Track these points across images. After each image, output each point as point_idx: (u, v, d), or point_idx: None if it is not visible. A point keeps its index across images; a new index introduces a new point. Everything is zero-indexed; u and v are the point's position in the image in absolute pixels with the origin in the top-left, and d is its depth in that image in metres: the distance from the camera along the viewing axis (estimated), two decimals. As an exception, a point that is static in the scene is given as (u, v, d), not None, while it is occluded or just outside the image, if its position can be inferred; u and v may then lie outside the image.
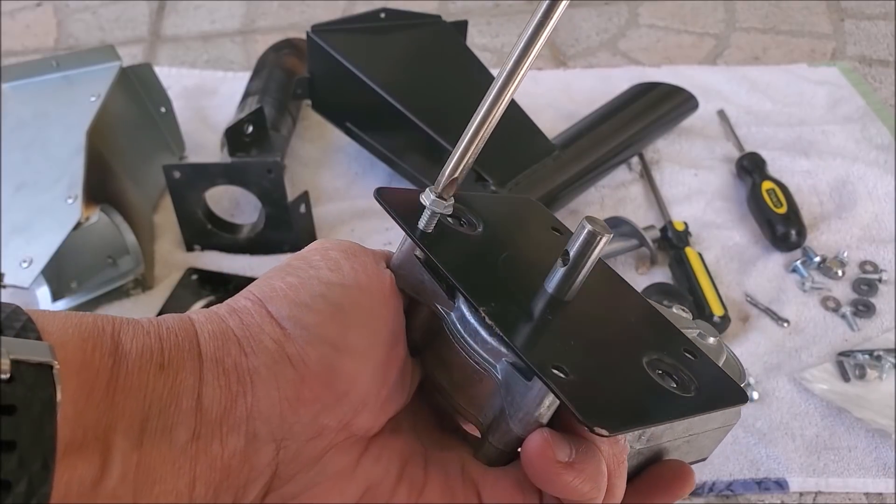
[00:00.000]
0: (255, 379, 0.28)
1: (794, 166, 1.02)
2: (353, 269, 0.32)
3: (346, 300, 0.31)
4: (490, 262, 0.34)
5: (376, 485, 0.32)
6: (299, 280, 0.31)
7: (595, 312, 0.34)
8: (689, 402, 0.31)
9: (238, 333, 0.29)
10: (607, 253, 0.88)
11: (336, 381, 0.29)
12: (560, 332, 0.31)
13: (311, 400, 0.29)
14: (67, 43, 1.33)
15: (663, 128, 1.05)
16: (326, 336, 0.30)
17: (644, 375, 0.31)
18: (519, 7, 1.40)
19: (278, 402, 0.28)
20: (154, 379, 0.26)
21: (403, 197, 0.34)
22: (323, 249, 0.33)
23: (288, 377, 0.28)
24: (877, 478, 0.70)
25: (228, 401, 0.27)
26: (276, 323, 0.29)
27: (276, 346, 0.29)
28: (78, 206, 0.78)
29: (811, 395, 0.76)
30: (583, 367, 0.29)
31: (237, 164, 0.86)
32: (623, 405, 0.29)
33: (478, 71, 0.98)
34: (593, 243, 0.31)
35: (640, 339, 0.34)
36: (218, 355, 0.28)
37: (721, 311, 0.80)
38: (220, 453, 0.27)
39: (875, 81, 1.21)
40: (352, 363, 0.30)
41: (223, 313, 0.30)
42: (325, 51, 0.93)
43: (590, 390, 0.28)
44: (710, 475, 0.70)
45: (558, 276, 0.32)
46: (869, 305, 0.84)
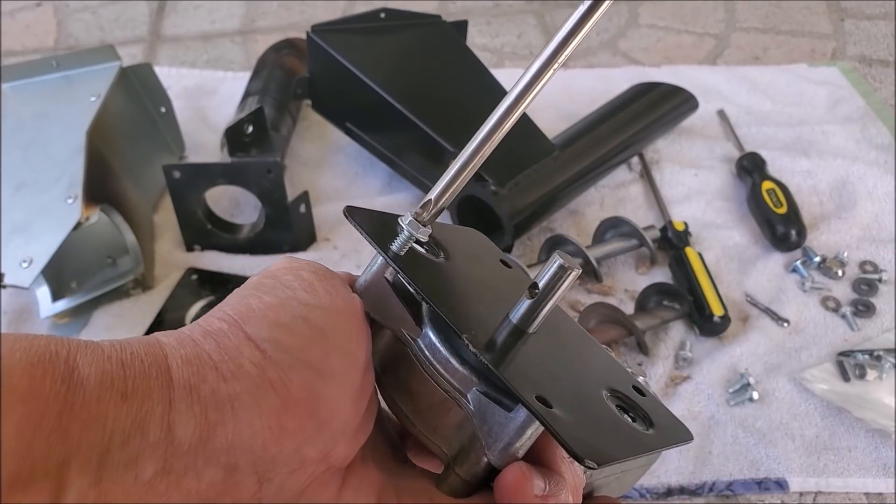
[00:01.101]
0: (236, 406, 0.26)
1: (794, 166, 1.02)
2: (328, 291, 0.31)
3: (326, 323, 0.30)
4: (457, 290, 0.33)
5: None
6: (277, 300, 0.29)
7: (554, 345, 0.34)
8: (650, 438, 0.31)
9: (215, 357, 0.27)
10: (607, 252, 0.88)
11: (319, 409, 0.28)
12: (530, 364, 0.31)
13: (294, 429, 0.27)
14: (67, 43, 1.33)
15: (663, 128, 1.05)
16: (309, 360, 0.28)
17: (608, 410, 0.31)
18: (519, 7, 1.40)
19: (261, 431, 0.26)
20: (116, 408, 0.24)
21: (373, 218, 0.34)
22: (294, 270, 0.32)
23: (271, 404, 0.27)
24: (877, 478, 0.70)
25: (205, 430, 0.25)
26: (254, 345, 0.28)
27: (256, 370, 0.27)
28: (78, 206, 0.78)
29: (811, 396, 0.76)
30: (559, 398, 0.29)
31: (237, 164, 0.86)
32: (599, 439, 0.29)
33: (478, 71, 0.98)
34: (563, 277, 0.31)
35: (596, 373, 0.34)
36: (192, 382, 0.26)
37: (721, 311, 0.80)
38: (196, 487, 0.25)
39: (875, 81, 1.21)
40: (333, 389, 0.29)
41: (197, 336, 0.28)
42: (325, 51, 0.93)
43: (572, 423, 0.28)
44: (710, 475, 0.70)
45: (524, 307, 0.32)
46: (869, 305, 0.84)
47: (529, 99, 0.30)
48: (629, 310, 0.83)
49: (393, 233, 0.32)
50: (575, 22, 0.28)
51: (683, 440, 0.33)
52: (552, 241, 0.88)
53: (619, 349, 0.80)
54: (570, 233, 0.92)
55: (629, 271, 0.90)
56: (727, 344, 0.81)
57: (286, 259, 0.33)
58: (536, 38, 1.33)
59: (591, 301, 0.83)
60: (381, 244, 0.32)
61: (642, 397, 0.34)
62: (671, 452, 0.71)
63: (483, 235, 0.40)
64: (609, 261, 0.90)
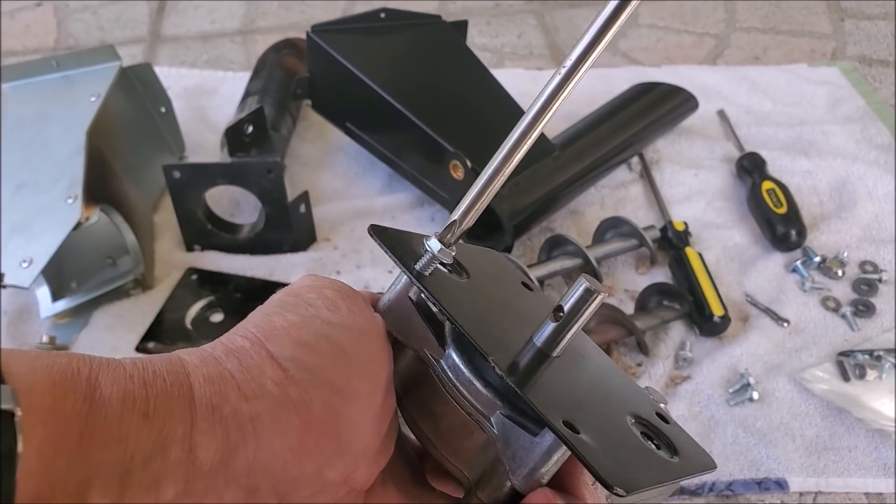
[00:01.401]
0: (257, 426, 0.26)
1: (794, 166, 1.02)
2: (351, 310, 0.31)
3: (349, 343, 0.29)
4: (481, 311, 0.33)
5: None
6: (300, 318, 0.29)
7: (578, 369, 0.33)
8: (675, 466, 0.31)
9: (237, 377, 0.27)
10: (607, 252, 0.88)
11: (340, 430, 0.28)
12: (555, 388, 0.31)
13: (315, 451, 0.27)
14: (67, 43, 1.33)
15: (663, 128, 1.05)
16: (331, 380, 0.28)
17: (634, 436, 0.31)
18: (519, 7, 1.40)
19: (282, 453, 0.26)
20: (137, 429, 0.24)
21: (397, 237, 0.33)
22: (318, 287, 0.31)
23: (292, 425, 0.27)
24: (877, 478, 0.70)
25: (227, 451, 0.25)
26: (277, 364, 0.27)
27: (278, 389, 0.27)
28: (78, 206, 0.78)
29: (811, 395, 0.76)
30: (585, 424, 0.29)
31: (237, 164, 0.86)
32: (626, 466, 0.29)
33: (478, 71, 0.98)
34: (588, 301, 0.30)
35: (620, 399, 0.34)
36: (214, 401, 0.26)
37: (721, 311, 0.80)
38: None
39: (875, 81, 1.21)
40: (355, 410, 0.28)
41: (219, 354, 0.28)
42: (325, 51, 0.93)
43: (600, 450, 0.28)
44: (710, 475, 0.70)
45: (548, 331, 0.31)
46: (869, 305, 0.84)
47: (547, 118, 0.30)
48: (629, 310, 0.83)
49: (416, 252, 0.32)
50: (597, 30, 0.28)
51: (708, 468, 0.33)
52: (552, 241, 0.88)
53: (620, 349, 0.80)
54: (570, 233, 0.92)
55: (629, 271, 0.90)
56: (727, 344, 0.81)
57: (309, 276, 0.32)
58: (536, 38, 1.33)
59: (591, 301, 0.83)
60: (406, 262, 0.32)
61: (666, 424, 0.34)
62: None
63: (503, 256, 0.40)
64: (609, 261, 0.90)
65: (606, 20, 0.27)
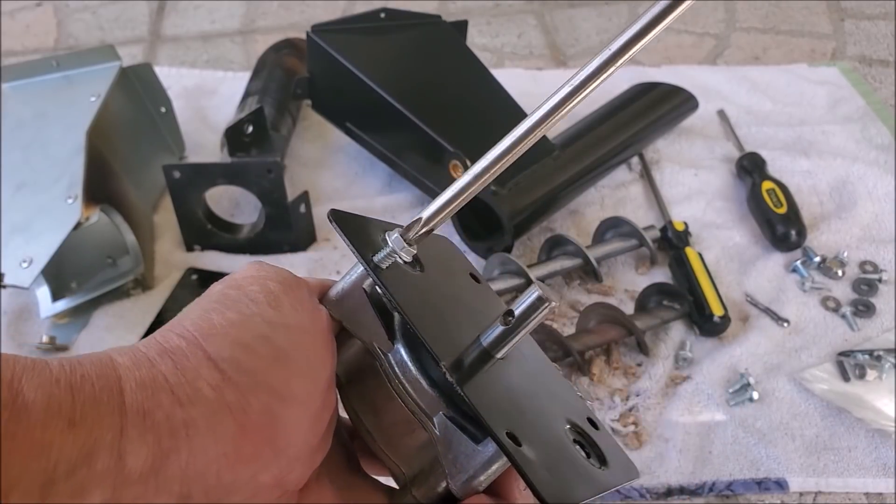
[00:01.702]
0: (190, 432, 0.25)
1: (794, 166, 1.02)
2: (293, 306, 0.30)
3: (290, 343, 0.28)
4: (433, 308, 0.32)
5: None
6: (240, 316, 0.28)
7: (520, 372, 0.33)
8: (604, 477, 0.31)
9: (171, 380, 0.26)
10: (607, 253, 0.88)
11: (277, 435, 0.27)
12: (497, 392, 0.31)
13: (250, 456, 0.26)
14: (67, 43, 1.33)
15: (663, 128, 1.05)
16: (269, 383, 0.27)
17: (569, 447, 0.31)
18: (519, 7, 1.40)
19: (216, 459, 0.25)
20: (62, 436, 0.23)
21: (358, 224, 0.33)
22: (261, 279, 0.30)
23: (228, 430, 0.26)
24: (877, 478, 0.70)
25: (158, 458, 0.24)
26: (214, 366, 0.26)
27: (214, 393, 0.26)
28: (78, 206, 0.78)
29: (811, 395, 0.76)
30: (525, 434, 0.29)
31: (237, 164, 0.86)
32: (563, 480, 0.29)
33: (478, 71, 0.98)
34: (539, 309, 0.30)
35: (558, 404, 0.34)
36: (146, 406, 0.25)
37: (721, 311, 0.80)
38: None
39: (875, 81, 1.21)
40: (293, 413, 0.28)
41: (153, 355, 0.26)
42: (325, 51, 0.93)
43: (539, 464, 0.28)
44: (710, 475, 0.70)
45: (496, 333, 0.31)
46: (869, 305, 0.84)
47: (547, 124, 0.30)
48: (629, 310, 0.83)
49: (376, 243, 0.31)
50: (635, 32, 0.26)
51: (632, 478, 0.33)
52: (552, 241, 0.88)
53: (620, 349, 0.80)
54: (570, 233, 0.92)
55: (629, 271, 0.90)
56: (727, 344, 0.81)
57: (254, 265, 0.31)
58: (536, 38, 1.33)
59: (591, 301, 0.83)
60: (363, 254, 0.31)
61: (596, 431, 0.34)
62: (671, 452, 0.71)
63: (453, 245, 0.40)
64: (609, 261, 0.90)
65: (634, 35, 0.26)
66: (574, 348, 0.75)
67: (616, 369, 0.78)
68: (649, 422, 0.74)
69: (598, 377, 0.77)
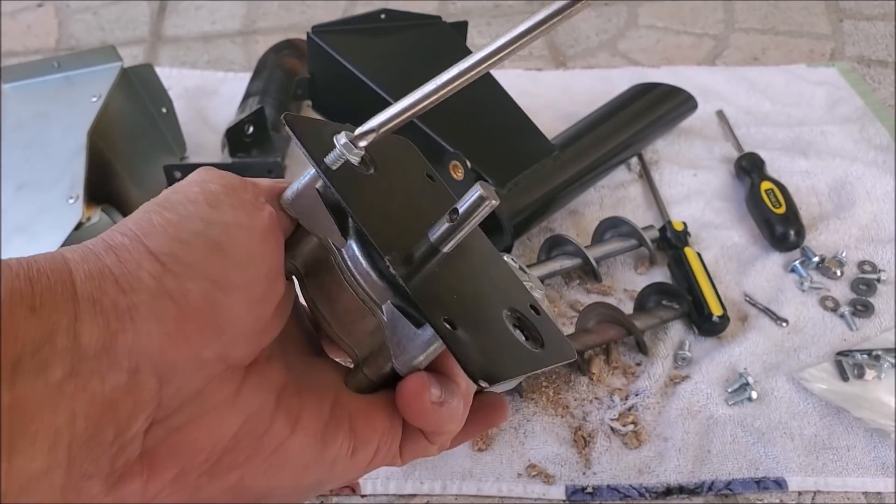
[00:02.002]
0: (134, 315, 0.28)
1: (792, 166, 1.02)
2: (233, 205, 0.32)
3: (226, 238, 0.31)
4: (383, 205, 0.35)
5: (255, 414, 0.33)
6: (178, 216, 0.31)
7: (465, 264, 0.36)
8: (539, 357, 0.35)
9: (115, 271, 0.29)
10: (607, 252, 0.88)
11: (216, 317, 0.30)
12: (442, 282, 0.34)
13: (191, 334, 0.29)
14: (68, 43, 1.33)
15: (662, 128, 1.06)
16: (206, 272, 0.30)
17: (506, 330, 0.35)
18: (519, 7, 1.41)
19: (158, 338, 0.29)
20: (26, 321, 0.26)
21: (313, 127, 0.35)
22: (202, 182, 0.33)
23: (168, 312, 0.29)
24: (875, 477, 0.70)
25: (107, 338, 0.28)
26: (154, 258, 0.29)
27: (154, 281, 0.29)
28: (79, 207, 0.78)
29: (810, 395, 0.76)
30: (463, 319, 0.32)
31: (238, 165, 0.87)
32: (494, 359, 0.32)
33: (478, 71, 0.98)
34: (480, 207, 0.33)
35: (500, 292, 0.37)
36: (95, 295, 0.28)
37: (720, 311, 0.80)
38: (101, 388, 0.27)
39: (874, 82, 1.22)
40: (231, 299, 0.31)
41: (99, 250, 0.30)
42: (325, 51, 0.93)
43: (472, 345, 0.31)
44: (709, 474, 0.70)
45: (442, 229, 0.34)
46: (868, 305, 0.84)
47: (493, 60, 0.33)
48: (628, 309, 0.84)
49: (329, 145, 0.34)
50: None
51: (568, 358, 0.37)
52: (552, 241, 0.88)
53: (619, 349, 0.80)
54: (569, 233, 0.92)
55: (628, 271, 0.90)
56: (726, 343, 0.81)
57: (200, 171, 0.34)
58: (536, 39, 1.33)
59: (591, 301, 0.84)
60: (314, 155, 0.33)
61: (537, 316, 0.37)
62: (670, 451, 0.72)
63: (411, 146, 0.42)
64: (608, 261, 0.90)
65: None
66: (573, 348, 0.76)
67: (615, 369, 0.79)
68: (648, 421, 0.74)
69: (597, 377, 0.78)
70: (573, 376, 0.78)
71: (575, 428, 0.74)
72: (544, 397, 0.76)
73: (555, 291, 0.87)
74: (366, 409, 0.36)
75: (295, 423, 0.34)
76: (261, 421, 0.33)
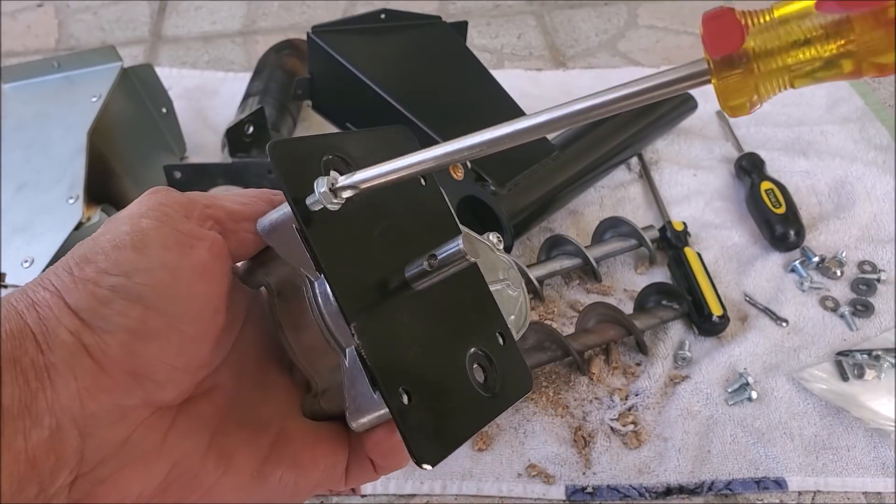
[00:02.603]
0: (52, 374, 0.29)
1: (792, 166, 1.02)
2: (163, 245, 0.31)
3: (147, 288, 0.31)
4: (364, 239, 0.34)
5: (184, 458, 0.32)
6: (96, 271, 0.31)
7: (437, 301, 0.35)
8: (492, 406, 0.35)
9: (35, 329, 0.29)
10: (607, 252, 0.88)
11: (137, 367, 0.30)
12: (407, 324, 0.33)
13: (110, 387, 0.30)
14: (68, 43, 1.33)
15: (662, 128, 1.06)
16: (126, 325, 0.30)
17: (465, 380, 0.34)
18: (519, 7, 1.41)
19: (77, 393, 0.29)
20: None
21: (299, 155, 0.33)
22: (136, 217, 0.32)
23: (86, 367, 0.29)
24: (875, 477, 0.70)
25: (28, 397, 0.28)
26: (74, 314, 0.30)
27: (73, 338, 0.29)
28: (79, 207, 0.78)
29: (810, 395, 0.76)
30: (420, 382, 0.32)
31: (238, 165, 0.87)
32: (443, 431, 0.32)
33: (478, 72, 0.98)
34: (459, 260, 0.32)
35: (470, 325, 0.36)
36: (15, 355, 0.29)
37: (720, 311, 0.80)
38: (24, 447, 0.28)
39: (874, 82, 1.22)
40: (154, 348, 0.30)
41: (22, 308, 0.30)
42: (325, 51, 0.93)
43: (423, 421, 0.31)
44: (709, 474, 0.70)
45: (418, 270, 0.34)
46: (868, 305, 0.84)
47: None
48: (628, 309, 0.84)
49: (314, 173, 0.32)
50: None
51: (524, 392, 0.37)
52: (552, 240, 0.88)
53: (619, 349, 0.80)
54: (569, 233, 0.92)
55: (628, 271, 0.90)
56: (726, 343, 0.81)
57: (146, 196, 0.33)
58: (536, 39, 1.33)
59: (591, 301, 0.84)
60: (293, 194, 0.32)
61: (501, 346, 0.37)
62: (670, 451, 0.72)
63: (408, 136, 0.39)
64: (608, 261, 0.90)
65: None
66: (573, 348, 0.76)
67: (615, 369, 0.79)
68: (648, 421, 0.74)
69: (597, 377, 0.78)
70: (573, 376, 0.78)
71: (575, 428, 0.74)
72: (544, 397, 0.76)
73: (555, 291, 0.87)
74: (312, 438, 0.36)
75: (228, 464, 0.33)
76: (190, 465, 0.33)
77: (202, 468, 0.33)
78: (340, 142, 0.35)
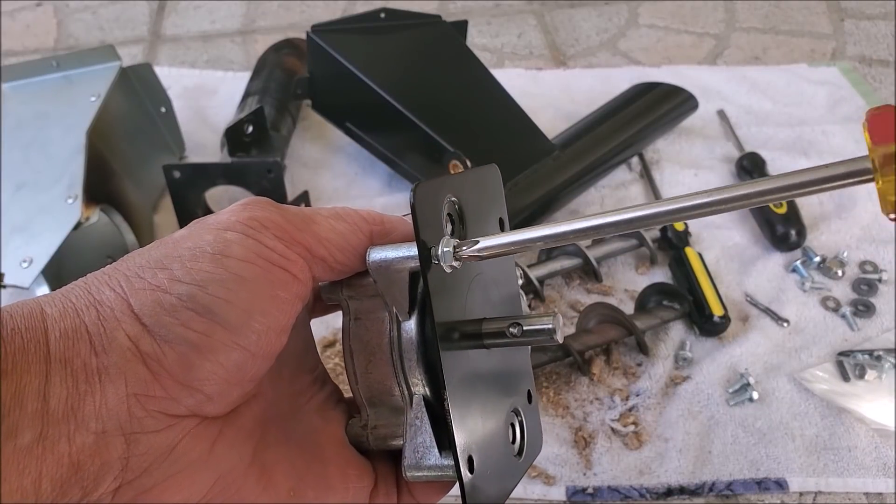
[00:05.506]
0: (103, 378, 0.28)
1: (793, 166, 1.02)
2: (244, 257, 0.31)
3: (219, 300, 0.30)
4: (460, 295, 0.33)
5: (229, 472, 0.32)
6: (170, 278, 0.30)
7: (496, 360, 0.35)
8: (519, 467, 0.35)
9: (91, 330, 0.29)
10: (607, 253, 0.88)
11: (190, 378, 0.29)
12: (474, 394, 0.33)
13: (161, 396, 0.29)
14: (67, 43, 1.33)
15: (663, 128, 1.05)
16: (188, 337, 0.29)
17: (506, 442, 0.35)
18: (519, 7, 1.40)
19: (125, 399, 0.28)
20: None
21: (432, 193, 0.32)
22: (221, 228, 0.31)
23: (138, 375, 0.29)
24: (876, 477, 0.70)
25: (76, 400, 0.28)
26: (136, 319, 0.29)
27: (130, 343, 0.29)
28: (78, 206, 0.78)
29: (811, 395, 0.76)
30: (480, 448, 0.32)
31: (237, 164, 0.87)
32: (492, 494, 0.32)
33: (478, 71, 0.98)
34: (543, 339, 0.32)
35: (510, 385, 0.36)
36: (67, 356, 0.28)
37: (721, 311, 0.80)
38: (68, 450, 0.27)
39: (875, 81, 1.21)
40: (211, 363, 0.30)
41: (81, 306, 0.29)
42: (325, 51, 0.93)
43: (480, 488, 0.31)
44: (710, 475, 0.70)
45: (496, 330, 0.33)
46: (869, 305, 0.84)
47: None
48: (629, 310, 0.83)
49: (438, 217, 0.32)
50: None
51: (535, 456, 0.37)
52: (552, 241, 0.88)
53: (619, 349, 0.80)
54: (569, 233, 0.92)
55: (629, 271, 0.90)
56: (727, 344, 0.81)
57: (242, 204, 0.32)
58: (536, 38, 1.33)
59: (591, 301, 0.83)
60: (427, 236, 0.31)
61: (529, 405, 0.37)
62: (671, 452, 0.71)
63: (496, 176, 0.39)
64: (609, 261, 0.90)
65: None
66: (574, 348, 0.76)
67: (616, 369, 0.79)
68: (649, 422, 0.74)
69: (598, 377, 0.77)
70: (574, 377, 0.78)
71: (575, 429, 0.74)
72: (545, 398, 0.76)
73: (555, 291, 0.87)
74: (344, 460, 0.35)
75: (269, 481, 0.33)
76: (234, 478, 0.32)
77: (244, 483, 0.32)
78: (459, 183, 0.34)
